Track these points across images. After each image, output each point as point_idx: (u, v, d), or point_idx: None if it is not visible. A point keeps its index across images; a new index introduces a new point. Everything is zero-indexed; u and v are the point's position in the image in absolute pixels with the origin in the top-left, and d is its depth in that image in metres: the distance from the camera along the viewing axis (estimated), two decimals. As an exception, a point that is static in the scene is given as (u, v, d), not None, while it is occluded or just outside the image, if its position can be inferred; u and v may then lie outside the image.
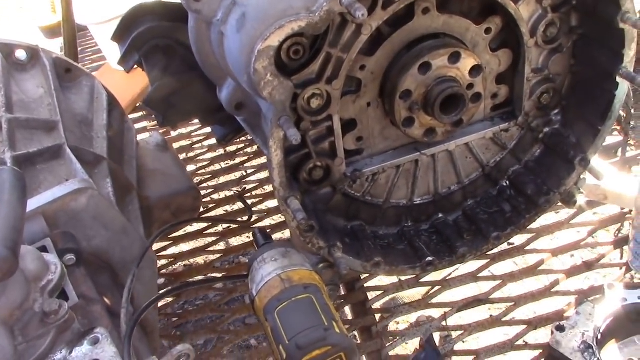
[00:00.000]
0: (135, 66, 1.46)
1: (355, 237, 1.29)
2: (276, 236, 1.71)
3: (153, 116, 1.96)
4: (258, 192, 1.97)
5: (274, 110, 0.98)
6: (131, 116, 2.16)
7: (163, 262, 1.72)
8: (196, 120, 2.09)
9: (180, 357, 0.84)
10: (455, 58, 1.16)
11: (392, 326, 1.62)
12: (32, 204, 1.06)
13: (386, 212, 1.34)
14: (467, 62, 1.18)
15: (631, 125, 1.84)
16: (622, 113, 1.73)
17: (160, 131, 1.93)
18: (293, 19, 0.92)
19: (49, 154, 1.20)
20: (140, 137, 1.72)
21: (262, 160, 2.08)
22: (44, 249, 0.89)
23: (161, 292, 1.03)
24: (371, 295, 1.53)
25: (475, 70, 1.19)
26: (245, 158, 2.12)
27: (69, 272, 1.09)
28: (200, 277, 1.65)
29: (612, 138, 1.81)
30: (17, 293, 0.74)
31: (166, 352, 0.84)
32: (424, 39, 1.17)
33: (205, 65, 1.12)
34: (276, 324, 0.93)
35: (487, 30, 1.22)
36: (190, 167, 2.08)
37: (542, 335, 1.39)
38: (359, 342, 1.45)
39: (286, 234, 1.87)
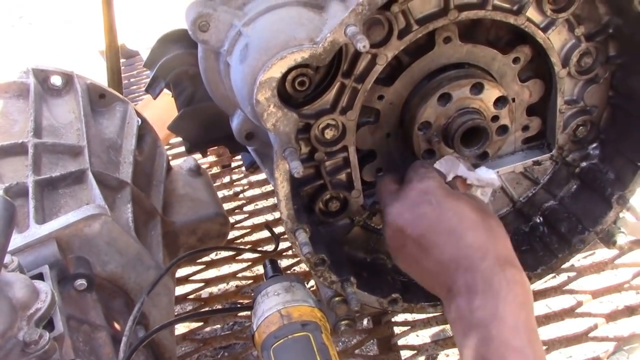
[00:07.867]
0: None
1: (374, 272, 1.25)
2: (302, 266, 1.69)
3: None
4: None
5: (278, 141, 0.96)
6: (173, 140, 2.20)
7: (193, 286, 1.73)
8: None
9: None
10: (477, 89, 1.11)
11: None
12: (46, 228, 1.09)
13: (409, 246, 1.29)
14: (491, 93, 1.13)
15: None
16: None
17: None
18: (295, 50, 0.90)
19: (71, 178, 1.23)
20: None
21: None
22: (39, 277, 0.90)
23: (156, 327, 1.02)
24: (398, 330, 1.48)
25: (501, 101, 1.14)
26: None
27: (80, 297, 1.11)
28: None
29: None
30: (1, 320, 0.75)
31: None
32: (446, 69, 1.13)
33: (215, 95, 1.12)
34: (270, 362, 0.90)
35: (515, 60, 1.16)
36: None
37: (575, 385, 1.31)
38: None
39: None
